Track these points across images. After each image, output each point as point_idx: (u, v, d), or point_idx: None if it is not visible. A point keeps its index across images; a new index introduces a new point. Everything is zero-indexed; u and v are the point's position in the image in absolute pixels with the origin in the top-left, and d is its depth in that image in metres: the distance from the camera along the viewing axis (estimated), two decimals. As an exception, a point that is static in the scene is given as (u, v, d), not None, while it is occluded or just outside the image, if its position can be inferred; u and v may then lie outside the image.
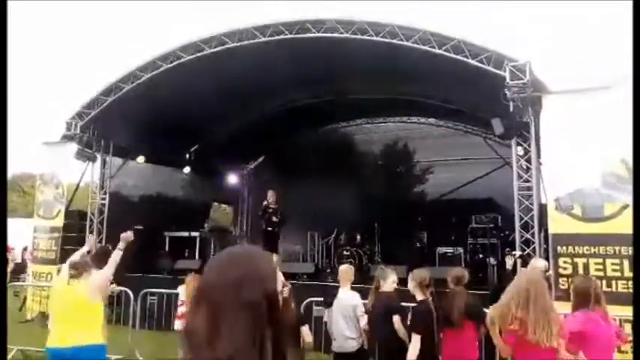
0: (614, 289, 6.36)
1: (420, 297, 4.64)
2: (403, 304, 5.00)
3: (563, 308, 6.33)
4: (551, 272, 6.59)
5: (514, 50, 7.65)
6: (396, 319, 4.72)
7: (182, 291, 6.84)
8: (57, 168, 11.03)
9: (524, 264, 7.15)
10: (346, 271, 5.63)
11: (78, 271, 4.49)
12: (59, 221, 10.74)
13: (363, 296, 5.36)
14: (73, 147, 10.46)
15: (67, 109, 10.55)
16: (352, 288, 5.52)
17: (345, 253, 11.87)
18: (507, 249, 7.52)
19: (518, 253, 7.25)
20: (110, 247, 7.68)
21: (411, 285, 4.76)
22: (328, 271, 11.43)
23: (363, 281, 7.32)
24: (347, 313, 5.23)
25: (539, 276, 3.67)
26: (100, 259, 6.82)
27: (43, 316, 8.77)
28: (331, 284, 7.66)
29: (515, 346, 3.33)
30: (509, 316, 3.25)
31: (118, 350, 7.07)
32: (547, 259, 6.83)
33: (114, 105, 9.89)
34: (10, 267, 11.81)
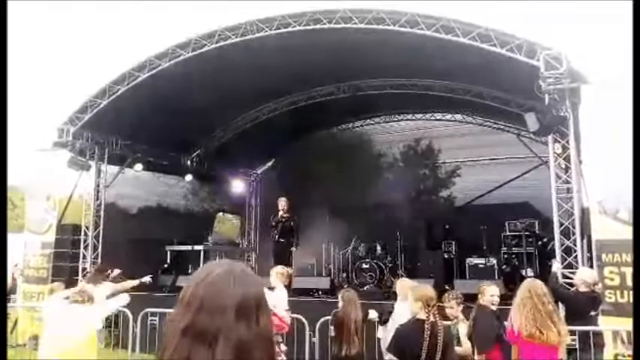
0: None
1: (420, 316, 4.33)
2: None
3: (611, 324, 6.26)
4: (600, 285, 6.48)
5: (547, 37, 7.60)
6: None
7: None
8: (48, 178, 11.21)
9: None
10: (402, 285, 5.78)
11: (83, 298, 4.69)
12: (50, 236, 10.89)
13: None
14: (65, 155, 10.62)
15: (58, 114, 10.73)
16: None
17: (364, 266, 11.84)
18: (554, 259, 7.44)
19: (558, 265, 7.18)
20: (109, 269, 8.00)
21: (414, 303, 4.44)
22: (346, 286, 11.41)
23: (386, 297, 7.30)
24: None
25: (537, 285, 4.54)
26: (97, 275, 7.09)
27: (36, 340, 8.88)
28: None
29: (520, 344, 4.35)
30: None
31: (118, 376, 7.15)
32: (591, 268, 6.75)
33: (108, 108, 10.03)
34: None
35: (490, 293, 5.35)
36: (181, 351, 1.08)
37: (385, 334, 5.56)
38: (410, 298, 4.46)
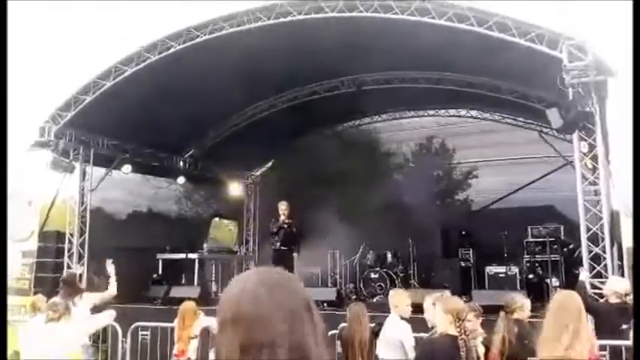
0: None
1: (451, 331, 4.32)
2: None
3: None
4: (632, 296, 6.45)
5: (570, 25, 7.60)
6: None
7: (179, 324, 6.93)
8: (28, 181, 11.25)
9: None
10: (393, 296, 5.86)
11: (58, 313, 4.67)
12: (32, 244, 10.93)
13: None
14: (47, 156, 10.65)
15: (39, 112, 10.77)
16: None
17: (373, 275, 11.86)
18: (581, 268, 7.44)
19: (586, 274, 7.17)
20: (77, 275, 7.84)
21: (443, 316, 4.45)
22: (354, 297, 11.44)
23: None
24: (393, 347, 5.31)
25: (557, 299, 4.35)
26: (67, 288, 6.95)
27: (18, 356, 8.93)
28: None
29: None
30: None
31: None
32: (622, 277, 6.74)
33: (94, 105, 10.06)
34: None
35: (528, 307, 5.37)
36: None
37: (379, 349, 5.58)
38: (438, 311, 4.45)
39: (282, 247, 10.80)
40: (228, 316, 1.23)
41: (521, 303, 5.38)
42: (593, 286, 7.11)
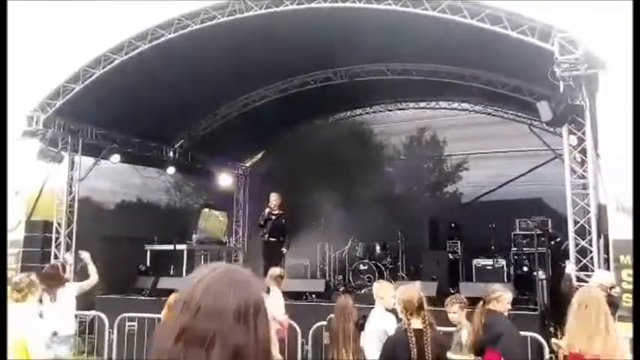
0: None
1: (405, 323, 4.38)
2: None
3: (628, 330, 6.30)
4: (618, 289, 6.50)
5: (563, 19, 7.59)
6: None
7: (166, 315, 6.88)
8: (16, 170, 11.13)
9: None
10: (378, 287, 5.81)
11: (21, 293, 4.54)
12: (19, 234, 10.84)
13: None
14: (35, 145, 10.55)
15: (27, 100, 10.64)
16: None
17: (362, 267, 11.87)
18: (568, 261, 7.47)
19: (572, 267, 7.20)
20: (60, 266, 7.65)
21: (397, 308, 4.60)
22: (342, 289, 11.44)
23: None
24: (377, 338, 5.29)
25: (593, 293, 4.42)
26: (49, 281, 6.77)
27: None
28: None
29: None
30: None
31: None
32: (608, 270, 6.78)
33: (83, 94, 9.95)
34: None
35: (507, 300, 5.30)
36: (175, 356, 1.12)
37: (364, 341, 5.57)
38: (396, 302, 4.53)
39: (271, 239, 10.77)
40: (179, 301, 1.21)
41: (498, 294, 5.28)
42: (579, 279, 7.16)
